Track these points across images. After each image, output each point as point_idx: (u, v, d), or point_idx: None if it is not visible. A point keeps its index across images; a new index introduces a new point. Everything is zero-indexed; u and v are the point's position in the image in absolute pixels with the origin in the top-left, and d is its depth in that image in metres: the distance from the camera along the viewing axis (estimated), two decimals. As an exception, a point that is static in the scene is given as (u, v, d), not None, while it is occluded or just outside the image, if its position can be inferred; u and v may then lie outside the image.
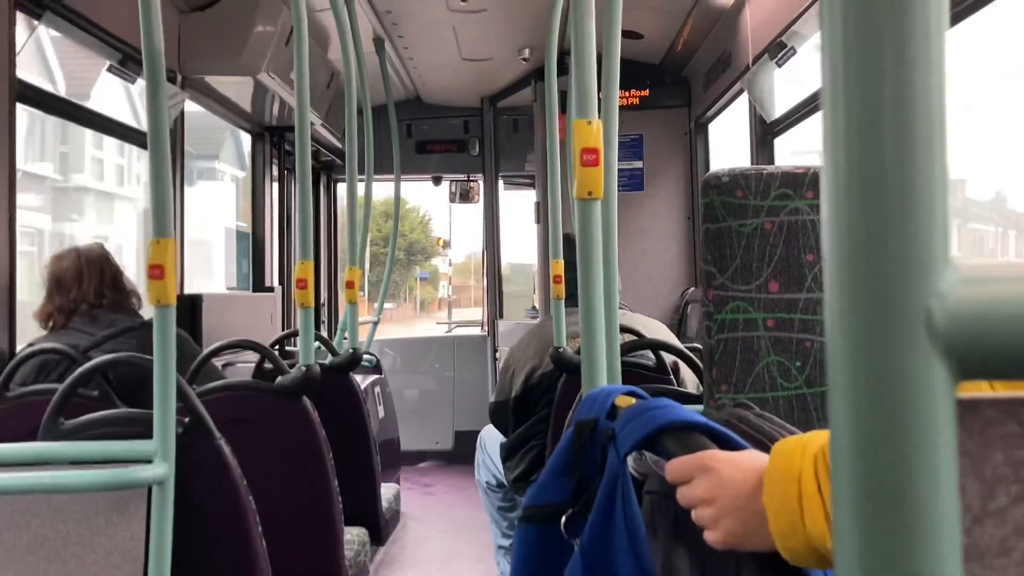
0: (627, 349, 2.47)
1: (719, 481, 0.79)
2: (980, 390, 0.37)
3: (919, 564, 0.30)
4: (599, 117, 1.54)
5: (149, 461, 1.71)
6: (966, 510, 0.38)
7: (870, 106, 0.30)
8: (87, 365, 2.00)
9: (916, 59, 0.29)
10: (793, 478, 0.72)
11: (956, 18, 2.26)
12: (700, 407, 1.53)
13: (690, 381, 2.70)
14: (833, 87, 0.31)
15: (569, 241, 2.86)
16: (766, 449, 0.83)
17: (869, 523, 0.30)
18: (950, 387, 0.31)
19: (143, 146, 3.44)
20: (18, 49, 2.58)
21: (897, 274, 0.30)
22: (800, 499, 0.71)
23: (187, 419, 1.89)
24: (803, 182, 1.63)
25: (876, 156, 0.30)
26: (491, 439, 3.26)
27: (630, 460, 1.14)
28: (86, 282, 2.59)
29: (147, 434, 1.75)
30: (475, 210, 6.18)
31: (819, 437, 0.74)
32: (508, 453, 2.97)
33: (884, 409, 0.30)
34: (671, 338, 2.92)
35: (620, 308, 2.95)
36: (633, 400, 1.00)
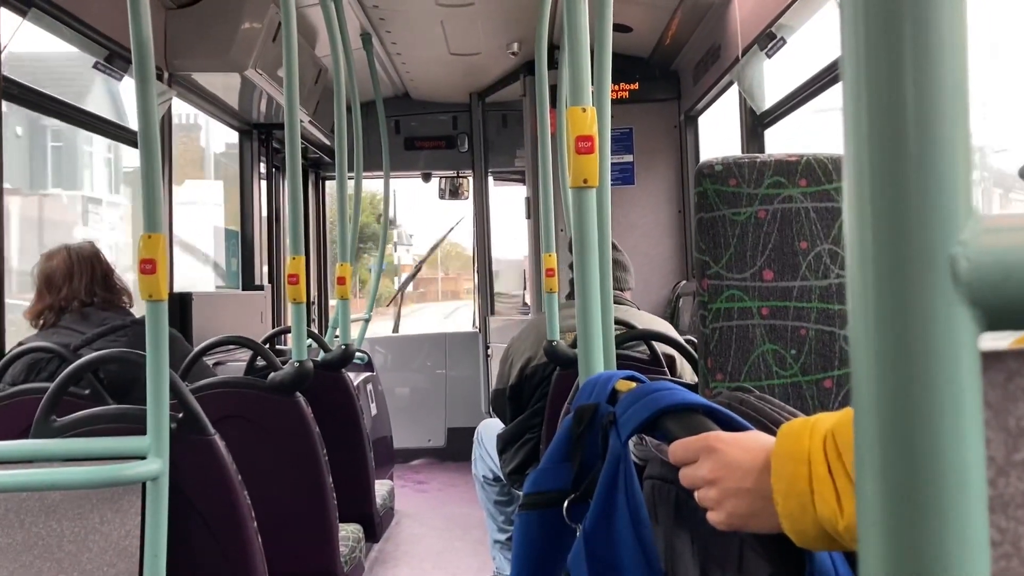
0: (622, 340, 2.47)
1: (724, 462, 0.78)
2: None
3: (944, 516, 0.29)
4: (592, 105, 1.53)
5: (143, 457, 1.70)
6: (990, 462, 0.38)
7: (891, 52, 0.30)
8: (79, 362, 1.99)
9: (939, 2, 0.29)
10: (803, 460, 0.71)
11: None
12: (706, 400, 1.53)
13: (687, 375, 2.70)
14: (854, 33, 0.30)
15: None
16: (768, 431, 0.83)
17: (892, 475, 0.30)
18: (974, 337, 0.30)
19: (132, 144, 3.42)
20: (4, 46, 2.56)
21: (920, 222, 0.30)
22: (810, 481, 0.70)
23: (180, 415, 1.88)
24: (796, 170, 1.63)
25: (898, 104, 0.30)
26: (488, 434, 3.26)
27: (631, 445, 1.14)
28: (77, 280, 2.57)
29: (140, 430, 1.73)
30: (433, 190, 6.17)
31: (827, 419, 0.73)
32: (504, 445, 2.98)
33: (908, 359, 0.30)
34: (673, 334, 2.92)
35: (627, 305, 2.97)
36: (634, 384, 1.00)
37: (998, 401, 0.37)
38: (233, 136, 5.06)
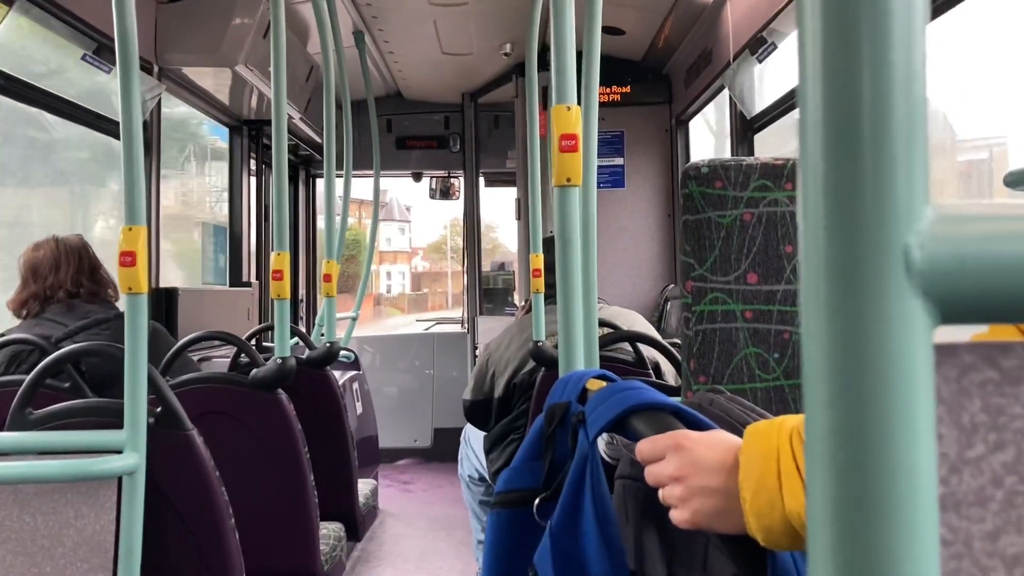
0: (606, 342, 2.46)
1: (691, 460, 0.78)
2: (1008, 334, 0.35)
3: (894, 514, 0.28)
4: (579, 105, 1.53)
5: (119, 451, 1.68)
6: (942, 459, 0.37)
7: (846, 35, 0.29)
8: (56, 354, 1.97)
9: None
10: (771, 456, 0.71)
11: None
12: (679, 399, 1.53)
13: (670, 376, 2.69)
14: (809, 13, 0.29)
15: (549, 243, 2.88)
16: (735, 431, 0.83)
17: (842, 471, 0.29)
18: (928, 330, 0.29)
19: (116, 136, 3.40)
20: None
21: (873, 210, 0.29)
22: (779, 476, 0.70)
23: (159, 409, 1.86)
24: (782, 173, 1.63)
25: (852, 88, 0.29)
26: (475, 434, 3.24)
27: (602, 445, 1.13)
28: (63, 270, 2.55)
29: (117, 424, 1.72)
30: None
31: (793, 418, 0.73)
32: (491, 445, 2.96)
33: (859, 352, 0.29)
34: (648, 329, 2.91)
35: (604, 304, 2.96)
36: (604, 383, 0.99)
37: (952, 396, 0.36)
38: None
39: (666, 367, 2.68)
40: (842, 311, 0.29)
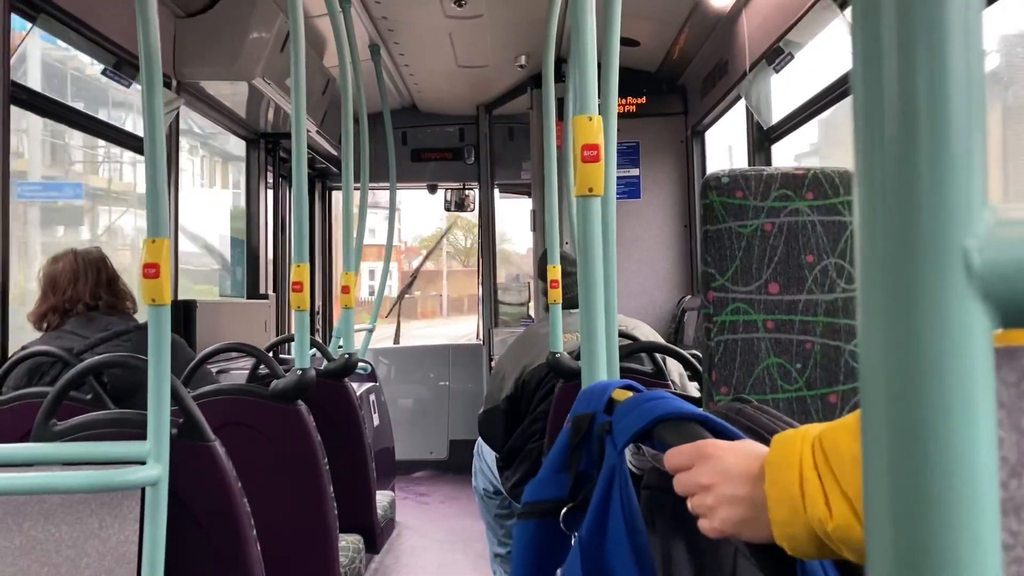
0: (625, 353, 2.46)
1: (720, 468, 0.78)
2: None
3: (955, 518, 0.28)
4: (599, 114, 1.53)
5: (143, 463, 1.69)
6: (1002, 462, 0.37)
7: (904, 40, 0.29)
8: (80, 365, 1.98)
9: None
10: (794, 464, 0.71)
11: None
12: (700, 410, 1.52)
13: (690, 389, 2.69)
14: (865, 15, 0.30)
15: (565, 257, 2.92)
16: (763, 441, 0.82)
17: (901, 475, 0.29)
18: (988, 333, 0.29)
19: (137, 150, 3.43)
20: (13, 51, 2.57)
21: (932, 212, 0.29)
22: (801, 484, 0.70)
23: (181, 420, 1.87)
24: (803, 183, 1.62)
25: (910, 93, 0.29)
26: (488, 447, 3.24)
27: (629, 455, 1.13)
28: (82, 282, 2.57)
29: (140, 436, 1.72)
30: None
31: (818, 426, 0.73)
32: (505, 462, 2.96)
33: (919, 355, 0.29)
34: (656, 337, 2.93)
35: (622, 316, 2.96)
36: (630, 394, 1.00)
37: (1011, 400, 0.36)
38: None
39: (677, 375, 2.68)
40: (901, 315, 0.29)
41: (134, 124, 5.56)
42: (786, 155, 3.70)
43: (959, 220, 0.29)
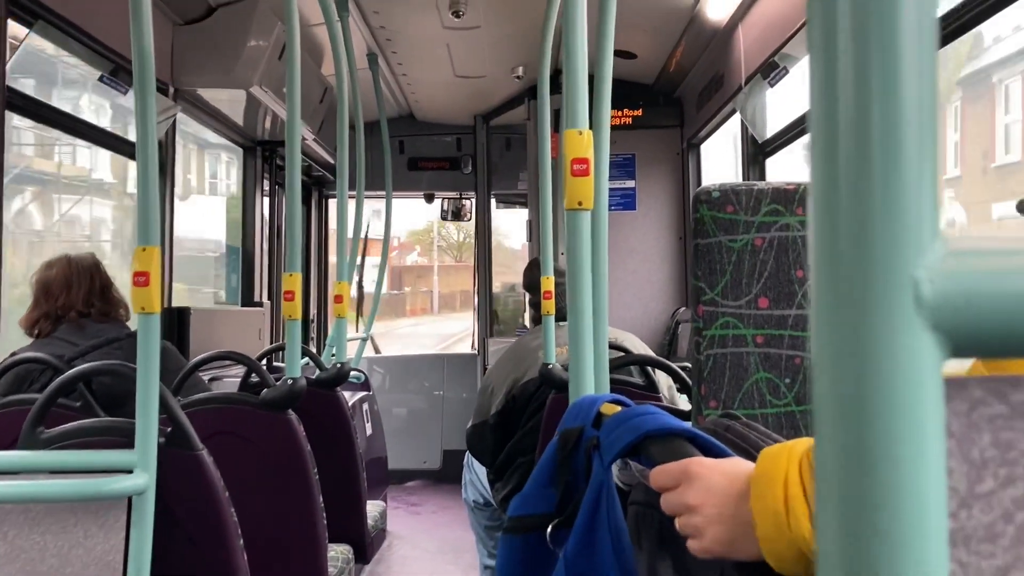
0: (616, 365, 2.46)
1: (706, 487, 0.78)
2: (976, 371, 0.35)
3: (905, 548, 0.28)
4: (590, 129, 1.53)
5: (129, 471, 1.68)
6: (952, 493, 0.37)
7: (858, 67, 0.29)
8: (69, 373, 1.97)
9: (906, 4, 0.28)
10: (779, 481, 0.71)
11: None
12: (689, 424, 1.52)
13: (678, 402, 2.68)
14: (819, 43, 0.30)
15: (534, 264, 2.94)
16: (751, 458, 0.82)
17: (852, 505, 0.29)
18: (938, 364, 0.29)
19: (132, 156, 3.42)
20: (9, 57, 2.57)
21: (884, 243, 0.29)
22: (786, 501, 0.69)
23: (169, 429, 1.86)
24: (794, 198, 1.63)
25: (863, 121, 0.29)
26: None
27: (616, 470, 1.13)
28: (75, 289, 2.56)
29: (128, 444, 1.72)
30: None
31: (805, 441, 0.73)
32: (496, 475, 2.95)
33: (869, 386, 0.29)
34: (646, 350, 2.93)
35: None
36: (618, 408, 0.99)
37: (962, 431, 0.36)
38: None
39: (666, 387, 2.67)
40: (851, 344, 0.29)
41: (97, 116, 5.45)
42: (782, 169, 3.71)
43: (910, 251, 0.29)
